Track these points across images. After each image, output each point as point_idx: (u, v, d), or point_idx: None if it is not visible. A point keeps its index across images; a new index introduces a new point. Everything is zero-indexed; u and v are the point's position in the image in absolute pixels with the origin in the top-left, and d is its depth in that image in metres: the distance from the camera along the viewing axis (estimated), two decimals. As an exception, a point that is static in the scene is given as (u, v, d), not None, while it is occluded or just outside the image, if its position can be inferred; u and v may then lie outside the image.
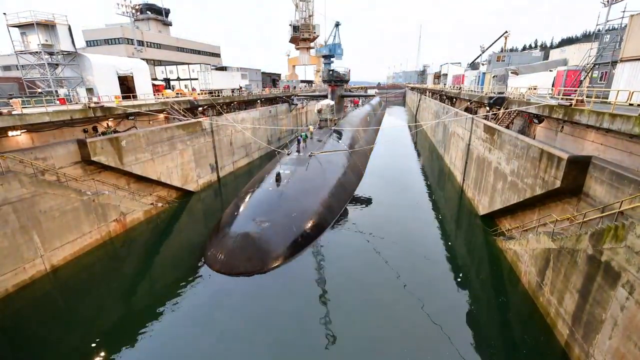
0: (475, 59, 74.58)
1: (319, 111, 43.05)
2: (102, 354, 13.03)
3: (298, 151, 32.16)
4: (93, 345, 13.48)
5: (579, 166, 14.54)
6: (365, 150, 43.92)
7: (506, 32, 53.22)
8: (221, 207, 28.52)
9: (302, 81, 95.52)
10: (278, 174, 25.17)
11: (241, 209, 22.37)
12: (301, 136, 35.84)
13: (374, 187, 33.32)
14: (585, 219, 13.09)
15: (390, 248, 20.79)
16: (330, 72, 49.14)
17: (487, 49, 59.37)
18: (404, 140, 61.91)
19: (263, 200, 23.12)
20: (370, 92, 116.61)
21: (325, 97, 51.12)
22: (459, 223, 26.27)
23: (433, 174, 40.12)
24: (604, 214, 12.19)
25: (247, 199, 23.51)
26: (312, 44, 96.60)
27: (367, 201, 29.59)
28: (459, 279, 17.96)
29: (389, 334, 13.73)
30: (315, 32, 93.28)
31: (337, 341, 13.38)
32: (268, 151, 48.25)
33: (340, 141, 38.78)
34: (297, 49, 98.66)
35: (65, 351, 13.32)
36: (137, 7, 58.70)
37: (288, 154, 31.81)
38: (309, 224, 22.17)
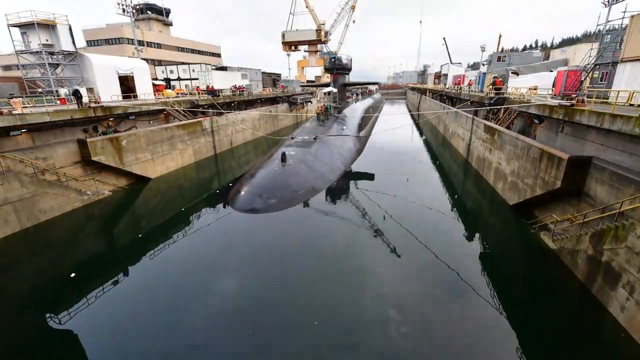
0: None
1: (322, 98, 43.32)
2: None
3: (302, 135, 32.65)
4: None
5: (579, 166, 14.53)
6: (367, 136, 44.87)
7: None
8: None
9: (308, 81, 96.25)
10: (283, 154, 25.04)
11: (248, 187, 22.39)
12: (326, 107, 39.54)
13: (376, 169, 31.80)
14: (585, 219, 13.10)
15: (394, 221, 19.55)
16: (333, 60, 48.66)
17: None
18: (405, 130, 61.43)
19: (269, 179, 23.06)
20: (371, 89, 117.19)
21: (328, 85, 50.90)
22: (463, 213, 25.16)
23: (434, 162, 38.60)
24: (604, 214, 12.19)
25: (253, 178, 23.56)
26: (322, 46, 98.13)
27: (371, 182, 28.30)
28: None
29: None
30: (326, 37, 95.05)
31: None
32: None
33: (343, 127, 39.37)
34: (307, 51, 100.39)
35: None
36: (137, 7, 58.85)
37: (292, 138, 32.03)
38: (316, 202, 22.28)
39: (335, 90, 45.42)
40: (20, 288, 13.91)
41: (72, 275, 14.54)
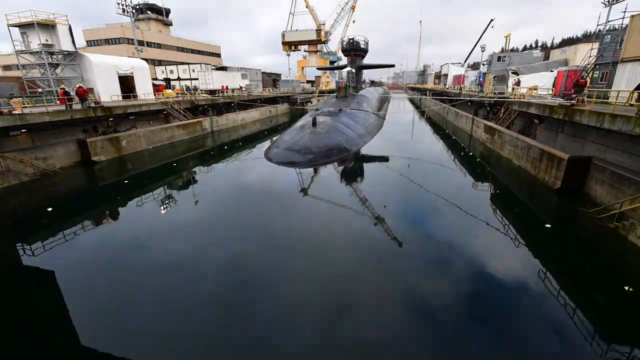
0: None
1: (342, 78, 45.17)
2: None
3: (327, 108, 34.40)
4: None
5: (579, 167, 14.55)
6: (384, 115, 49.17)
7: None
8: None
9: (308, 81, 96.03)
10: (314, 119, 26.25)
11: (285, 145, 23.72)
12: (347, 85, 41.96)
13: (393, 145, 31.55)
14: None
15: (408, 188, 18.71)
16: (350, 41, 48.92)
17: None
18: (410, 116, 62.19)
19: (305, 139, 24.06)
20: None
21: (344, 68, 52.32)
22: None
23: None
24: (604, 214, 12.18)
25: (288, 138, 25.10)
26: (322, 46, 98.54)
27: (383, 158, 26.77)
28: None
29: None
30: (326, 37, 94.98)
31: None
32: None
33: (363, 104, 41.14)
34: (307, 51, 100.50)
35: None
36: (137, 7, 58.74)
37: (317, 110, 33.99)
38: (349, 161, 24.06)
39: (353, 70, 46.81)
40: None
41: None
